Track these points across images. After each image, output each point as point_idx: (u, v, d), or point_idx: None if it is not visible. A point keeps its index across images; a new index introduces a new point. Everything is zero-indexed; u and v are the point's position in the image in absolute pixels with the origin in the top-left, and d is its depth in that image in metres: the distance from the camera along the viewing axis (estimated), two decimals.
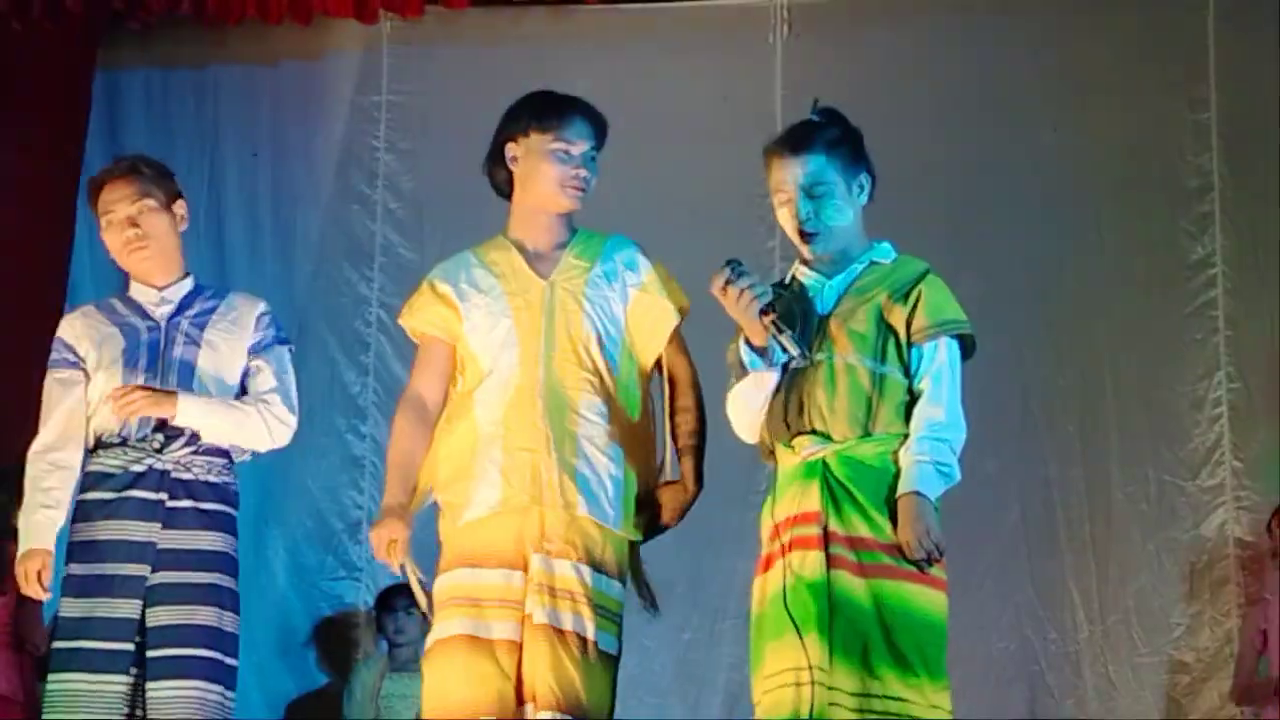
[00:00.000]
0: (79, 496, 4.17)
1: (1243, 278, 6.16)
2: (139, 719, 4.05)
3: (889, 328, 3.61)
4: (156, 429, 4.14)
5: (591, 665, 3.65)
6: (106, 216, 4.27)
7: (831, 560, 3.49)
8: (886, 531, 3.50)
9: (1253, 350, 6.12)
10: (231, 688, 4.13)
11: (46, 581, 4.12)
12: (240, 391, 4.26)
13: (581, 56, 6.39)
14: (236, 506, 4.24)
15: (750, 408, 3.64)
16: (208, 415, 4.17)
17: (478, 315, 3.83)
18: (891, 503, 3.52)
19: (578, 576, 3.67)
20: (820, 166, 3.65)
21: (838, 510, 3.52)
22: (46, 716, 4.09)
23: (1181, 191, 6.24)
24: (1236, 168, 6.20)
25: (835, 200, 3.66)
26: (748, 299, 3.52)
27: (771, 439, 3.65)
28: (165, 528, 4.10)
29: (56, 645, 4.13)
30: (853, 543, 3.50)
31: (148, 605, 4.07)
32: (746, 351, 3.60)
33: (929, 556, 3.47)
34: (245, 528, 4.35)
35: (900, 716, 3.43)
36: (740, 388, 3.64)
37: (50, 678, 4.12)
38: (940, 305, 3.62)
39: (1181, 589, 6.06)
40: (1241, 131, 6.22)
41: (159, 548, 4.09)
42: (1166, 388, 6.18)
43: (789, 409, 3.60)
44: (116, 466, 4.14)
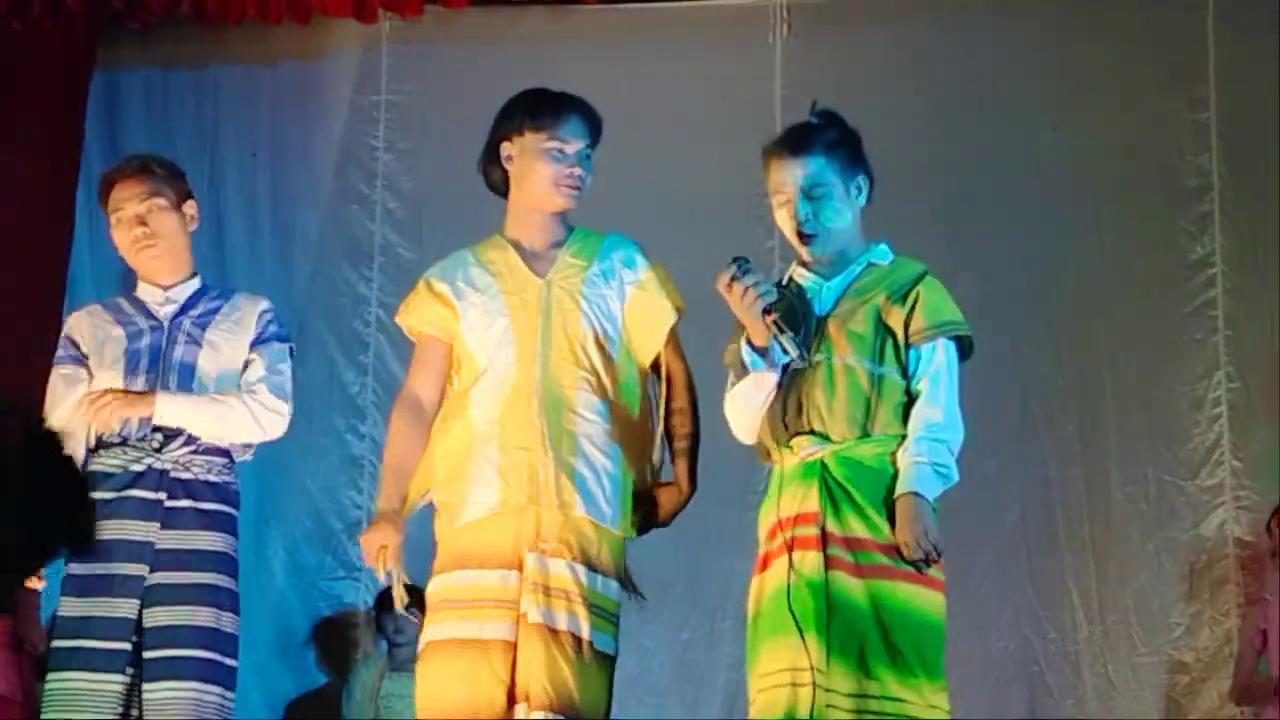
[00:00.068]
0: None
1: (1242, 278, 6.15)
2: (135, 719, 4.05)
3: (887, 329, 3.61)
4: (156, 428, 4.14)
5: (586, 665, 3.63)
6: (116, 214, 4.27)
7: (829, 561, 3.49)
8: (885, 532, 3.50)
9: (1252, 350, 6.11)
10: (231, 688, 4.12)
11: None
12: None
13: (581, 56, 6.37)
14: (237, 506, 4.23)
15: (750, 407, 3.64)
16: (189, 411, 4.13)
17: (474, 314, 3.82)
18: (890, 503, 3.52)
19: (573, 576, 3.66)
20: (820, 168, 3.65)
21: (835, 511, 3.52)
22: (45, 716, 4.08)
23: (1181, 191, 6.23)
24: (1236, 167, 6.20)
25: (834, 202, 3.66)
26: (752, 297, 3.52)
27: (770, 439, 3.65)
28: (164, 528, 4.09)
29: (55, 644, 4.13)
30: (850, 543, 3.50)
31: (145, 605, 4.06)
32: (748, 351, 3.59)
33: (927, 557, 3.47)
34: (244, 528, 4.34)
35: (899, 717, 3.43)
36: (740, 387, 3.64)
37: (49, 677, 4.12)
38: (938, 307, 3.62)
39: (1181, 589, 6.05)
40: (1241, 131, 6.21)
41: (157, 548, 4.08)
42: (1166, 387, 6.17)
43: (787, 410, 3.60)
44: (116, 466, 4.14)
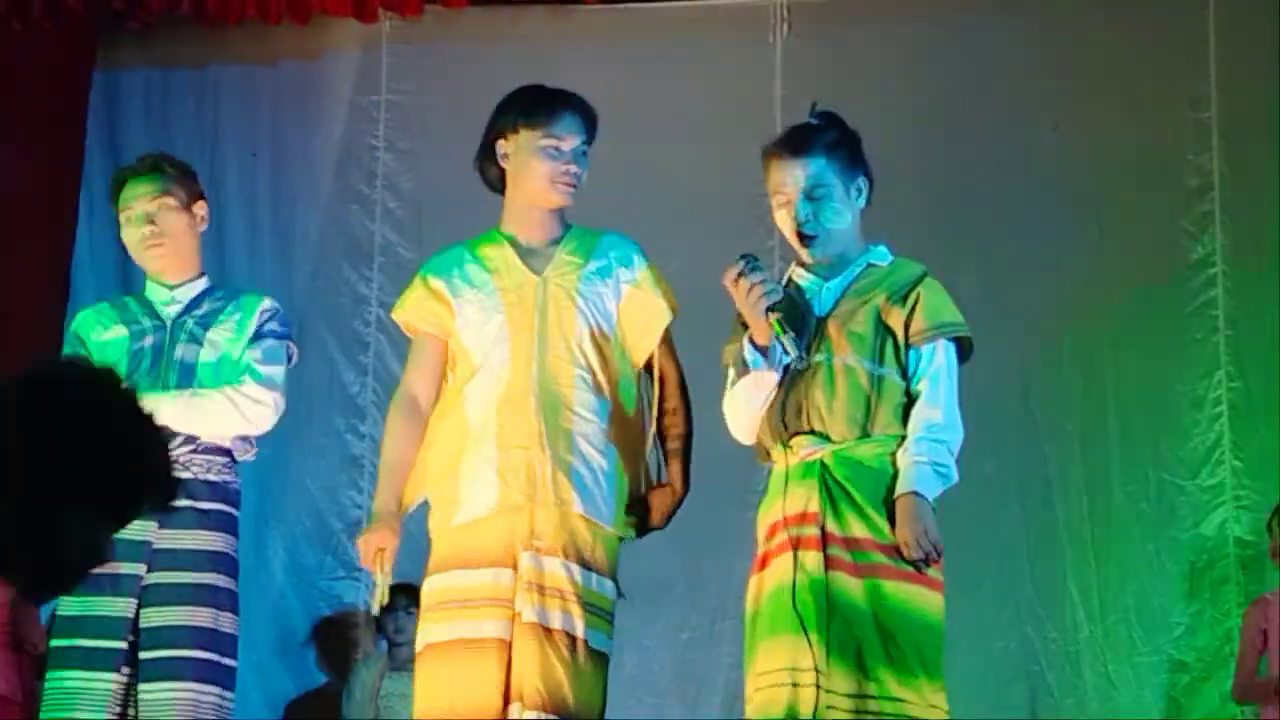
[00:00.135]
0: None
1: (1243, 277, 6.15)
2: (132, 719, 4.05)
3: (887, 330, 3.61)
4: None
5: (580, 664, 3.63)
6: (125, 213, 4.26)
7: (829, 561, 3.49)
8: (885, 532, 3.50)
9: (1253, 349, 6.11)
10: (230, 688, 4.10)
11: None
12: None
13: (581, 56, 6.37)
14: (238, 506, 4.20)
15: (751, 406, 3.64)
16: (168, 409, 4.01)
17: (470, 310, 3.81)
18: (890, 503, 3.52)
19: (567, 575, 3.65)
20: (820, 169, 3.65)
21: (835, 511, 3.52)
22: (44, 715, 4.07)
23: (1182, 191, 6.23)
24: (1237, 167, 6.19)
25: (834, 203, 3.66)
26: (757, 294, 3.52)
27: (769, 439, 3.65)
28: (162, 527, 4.06)
29: (54, 644, 4.12)
30: (849, 543, 3.50)
31: (142, 605, 4.05)
32: (750, 350, 3.59)
33: (927, 557, 3.47)
34: (244, 527, 4.32)
35: (898, 717, 3.43)
36: (742, 384, 3.63)
37: (48, 676, 4.11)
38: (938, 308, 3.62)
39: (1181, 588, 6.05)
40: (1242, 131, 6.20)
41: (155, 547, 4.05)
42: (1167, 387, 6.16)
43: (787, 409, 3.60)
44: None
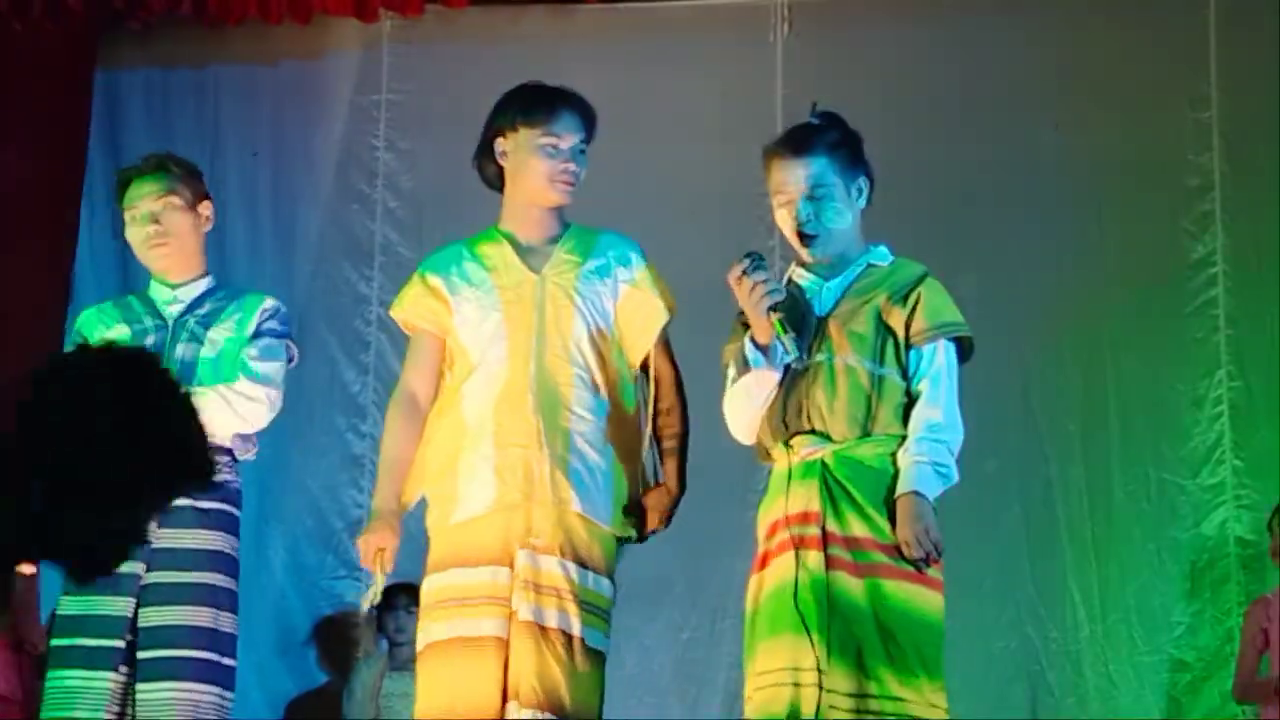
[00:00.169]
0: None
1: (1244, 277, 6.14)
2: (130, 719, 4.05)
3: (888, 330, 3.61)
4: None
5: (577, 663, 3.63)
6: (130, 212, 4.26)
7: (830, 561, 3.49)
8: (885, 532, 3.50)
9: (1253, 349, 6.11)
10: (230, 688, 4.10)
11: None
12: None
13: (580, 56, 6.36)
14: (238, 506, 4.20)
15: (751, 405, 3.64)
16: None
17: (468, 308, 3.81)
18: (890, 503, 3.52)
19: (564, 573, 3.65)
20: (821, 169, 3.65)
21: (835, 511, 3.52)
22: (44, 714, 4.07)
23: (1182, 191, 6.22)
24: (1237, 166, 6.19)
25: (835, 203, 3.66)
26: (760, 293, 3.52)
27: (770, 439, 3.65)
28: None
29: (54, 643, 4.12)
30: (849, 543, 3.50)
31: (141, 605, 4.05)
32: (751, 349, 3.59)
33: (928, 556, 3.47)
34: (245, 526, 4.31)
35: (898, 716, 3.43)
36: (742, 383, 3.63)
37: (48, 675, 4.11)
38: (939, 308, 3.62)
39: (1182, 587, 6.05)
40: (1242, 130, 6.20)
41: (154, 546, 4.04)
42: (1167, 386, 6.16)
43: (788, 409, 3.60)
44: None
